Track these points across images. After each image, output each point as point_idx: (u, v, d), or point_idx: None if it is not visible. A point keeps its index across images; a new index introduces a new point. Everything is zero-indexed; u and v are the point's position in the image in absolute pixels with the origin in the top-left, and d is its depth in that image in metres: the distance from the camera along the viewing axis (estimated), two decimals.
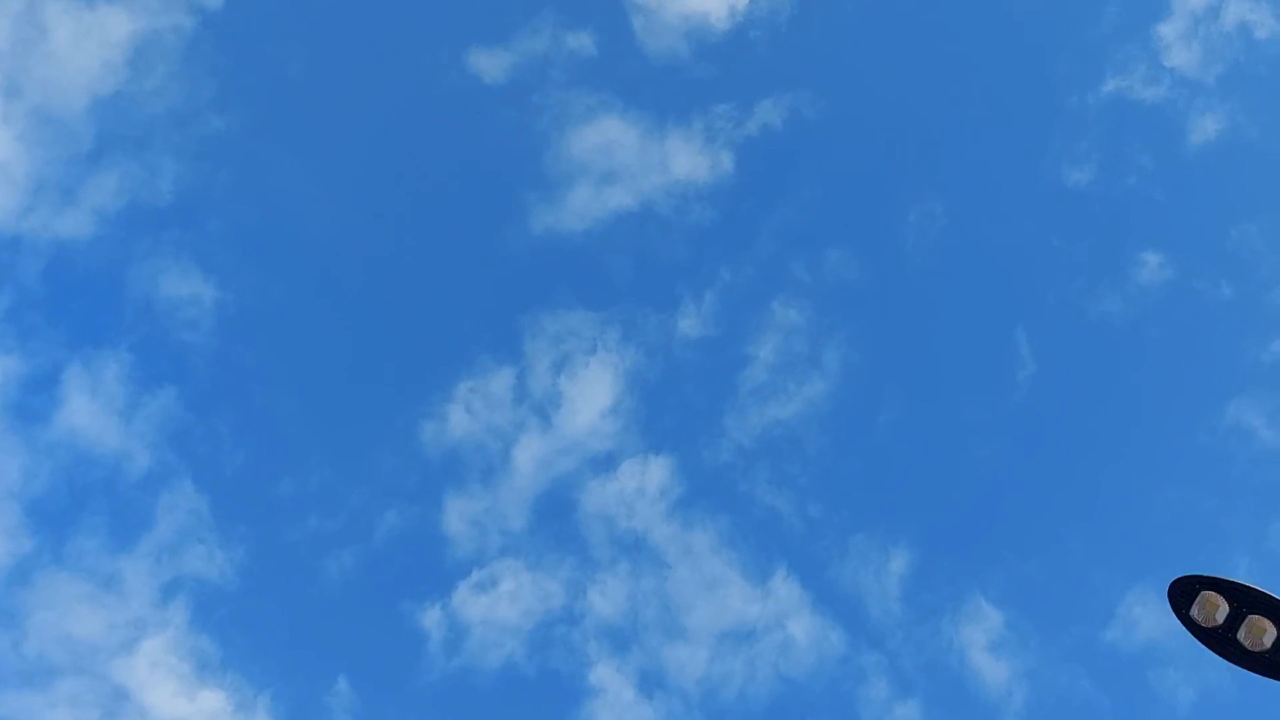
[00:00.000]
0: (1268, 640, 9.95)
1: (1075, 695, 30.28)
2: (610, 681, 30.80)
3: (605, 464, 32.93)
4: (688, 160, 34.42)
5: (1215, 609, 10.08)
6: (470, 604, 31.43)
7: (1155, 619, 30.89)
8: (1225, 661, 10.80)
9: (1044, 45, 34.95)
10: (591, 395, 33.05)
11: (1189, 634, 10.68)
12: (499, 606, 31.44)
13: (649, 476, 32.66)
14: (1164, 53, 33.88)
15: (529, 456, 32.59)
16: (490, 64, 34.49)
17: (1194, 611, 10.18)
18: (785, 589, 31.69)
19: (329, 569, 31.81)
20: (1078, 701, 30.23)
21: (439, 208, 34.43)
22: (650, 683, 30.90)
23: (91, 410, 31.77)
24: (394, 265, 34.05)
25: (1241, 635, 10.07)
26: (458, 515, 32.12)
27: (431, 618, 31.34)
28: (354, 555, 31.88)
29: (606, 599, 31.88)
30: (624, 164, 34.48)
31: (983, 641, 30.84)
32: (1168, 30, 33.96)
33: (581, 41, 34.45)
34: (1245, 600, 10.11)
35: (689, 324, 33.90)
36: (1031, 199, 34.24)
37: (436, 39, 34.69)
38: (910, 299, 34.03)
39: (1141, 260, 33.12)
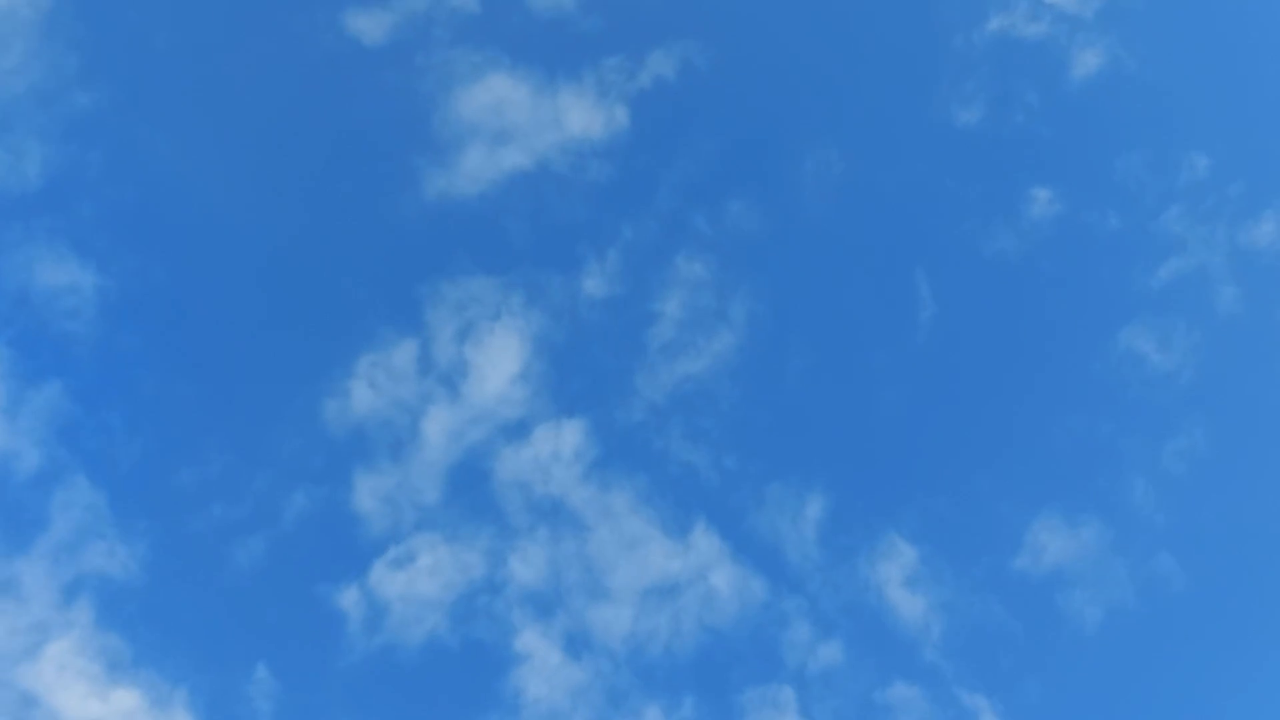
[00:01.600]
0: None
1: (989, 623, 31.31)
2: (536, 647, 30.76)
3: (518, 431, 32.64)
4: (581, 116, 33.94)
5: None
6: (388, 581, 30.98)
7: (1060, 544, 32.07)
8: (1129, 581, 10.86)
9: None
10: (499, 362, 32.61)
11: (1092, 556, 10.71)
12: (418, 581, 31.06)
13: (563, 440, 32.48)
14: None
15: (438, 428, 32.10)
16: (369, 25, 33.39)
17: None
18: (705, 542, 31.98)
19: (237, 557, 30.97)
20: (992, 628, 31.28)
21: (325, 178, 33.34)
22: (577, 644, 30.95)
23: None
24: (282, 240, 32.93)
25: None
26: (369, 492, 31.53)
27: (349, 598, 30.82)
28: (263, 541, 31.10)
29: (528, 566, 31.73)
30: (516, 123, 33.84)
31: (899, 578, 31.60)
32: None
33: None
34: None
35: (593, 284, 33.66)
36: (923, 141, 34.69)
37: (310, 1, 33.41)
38: (811, 247, 34.27)
39: (1032, 196, 33.91)
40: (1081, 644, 31.03)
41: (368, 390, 31.96)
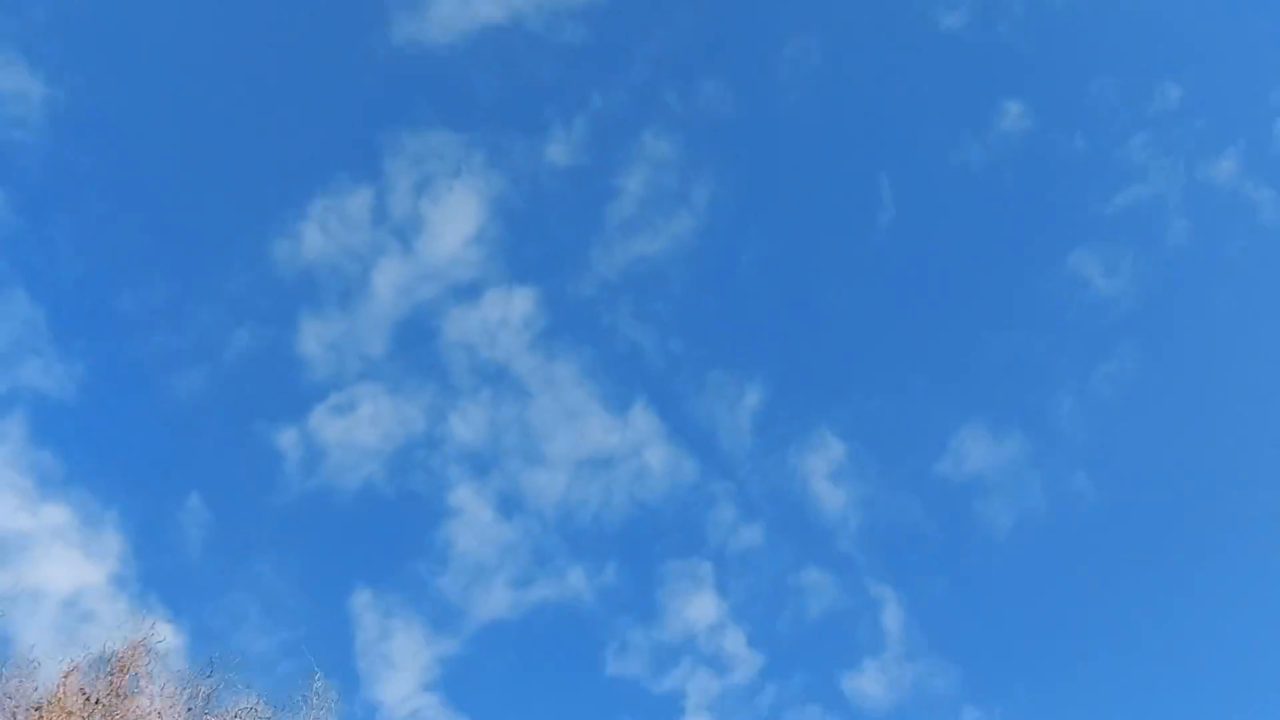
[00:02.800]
0: None
1: (906, 520, 32.59)
2: (470, 503, 31.52)
3: (468, 293, 32.64)
4: None
5: None
6: (327, 426, 31.29)
7: (983, 452, 33.25)
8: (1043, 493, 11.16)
9: None
10: (455, 221, 32.35)
11: (1012, 466, 11.02)
12: (357, 430, 31.41)
13: (512, 307, 32.58)
14: None
15: (388, 281, 31.98)
16: None
17: None
18: (643, 420, 32.63)
19: (176, 387, 30.97)
20: (907, 526, 32.57)
21: (295, 14, 32.17)
22: (509, 505, 31.75)
23: None
24: (243, 70, 31.91)
25: None
26: (314, 338, 31.52)
27: (288, 439, 31.12)
28: (203, 374, 31.09)
29: (467, 425, 32.23)
30: None
31: (825, 471, 32.64)
32: None
33: None
34: None
35: (557, 150, 33.23)
36: (905, 41, 34.24)
37: None
38: (780, 136, 34.02)
39: (1003, 109, 33.84)
40: (991, 548, 32.51)
41: (319, 234, 31.62)
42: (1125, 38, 34.56)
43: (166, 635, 13.56)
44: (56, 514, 28.99)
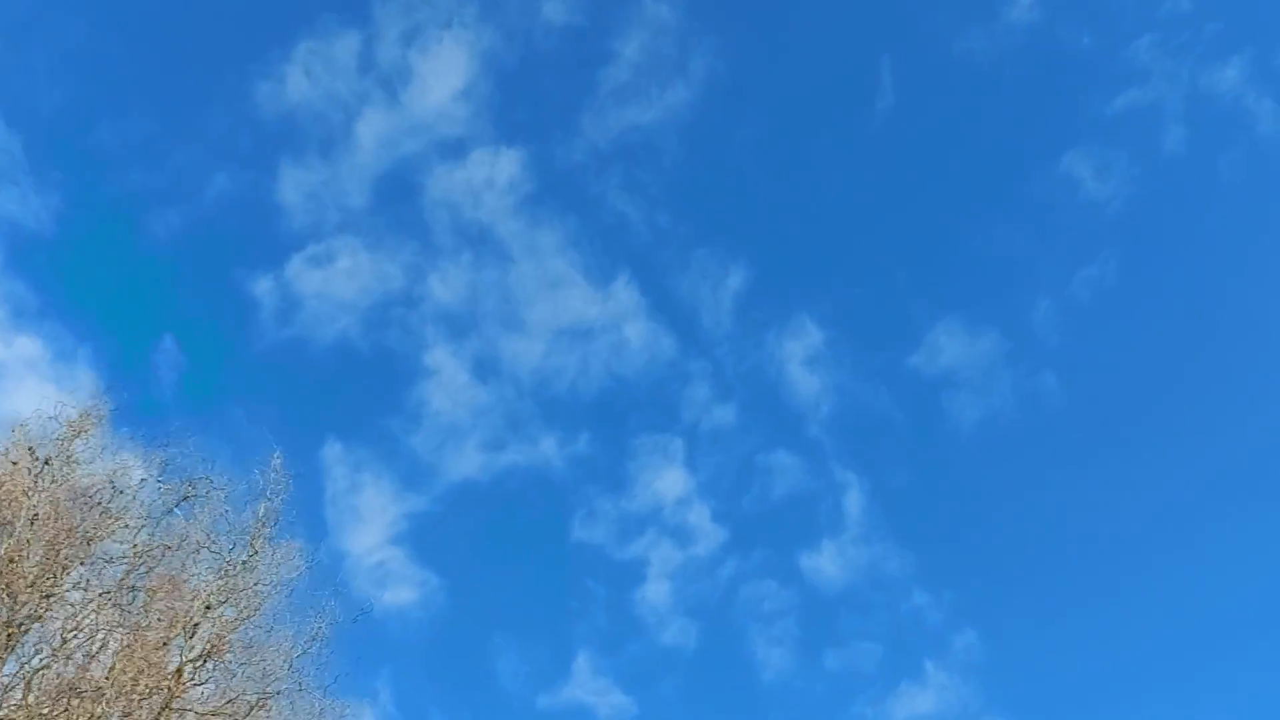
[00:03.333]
0: None
1: (875, 409, 32.90)
2: (445, 364, 31.62)
3: (454, 150, 32.12)
4: None
5: None
6: (304, 277, 31.12)
7: (957, 348, 33.36)
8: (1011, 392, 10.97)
9: None
10: (443, 74, 31.64)
11: (984, 364, 10.88)
12: (335, 282, 31.27)
13: (498, 169, 32.11)
14: None
15: (372, 132, 31.41)
16: None
17: None
18: (625, 293, 32.53)
19: (154, 227, 30.65)
20: (877, 416, 32.90)
21: None
22: (485, 369, 31.87)
23: None
24: None
25: None
26: (293, 186, 31.08)
27: (263, 287, 30.97)
28: (180, 215, 30.72)
29: (446, 286, 32.10)
30: None
31: (801, 356, 32.78)
32: None
33: None
34: None
35: (554, 7, 32.28)
36: None
37: None
38: (784, 10, 33.17)
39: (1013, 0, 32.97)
40: (955, 441, 32.94)
41: (303, 79, 30.86)
42: None
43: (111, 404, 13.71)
44: (29, 346, 28.94)
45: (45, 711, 11.43)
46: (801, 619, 30.17)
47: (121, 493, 13.34)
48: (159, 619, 12.49)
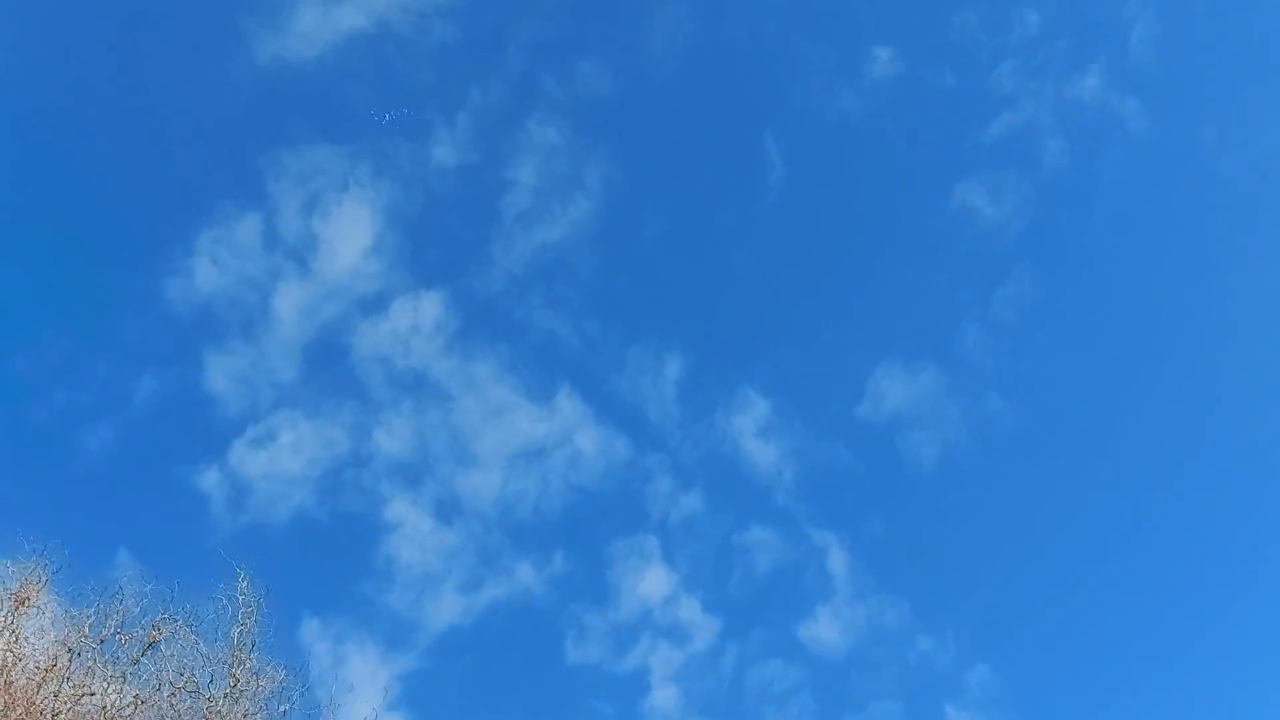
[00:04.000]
0: None
1: (836, 466, 33.17)
2: (407, 515, 31.16)
3: (375, 305, 32.24)
4: None
5: None
6: (249, 461, 30.63)
7: (900, 390, 33.98)
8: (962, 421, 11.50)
9: None
10: (350, 235, 31.93)
11: (929, 400, 11.35)
12: (281, 459, 30.81)
13: (422, 313, 32.29)
14: None
15: (291, 305, 31.43)
16: None
17: None
18: (569, 406, 32.63)
19: (87, 443, 30.08)
20: (838, 471, 33.16)
21: (151, 46, 31.40)
22: (447, 510, 31.48)
23: None
24: (112, 115, 31.07)
25: None
26: (221, 373, 30.82)
27: (209, 479, 30.38)
28: (113, 427, 30.21)
29: (393, 438, 31.85)
30: None
31: (753, 429, 33.05)
32: None
33: None
34: None
35: (444, 151, 33.01)
36: (769, 2, 34.76)
37: None
38: (663, 109, 34.35)
39: (874, 56, 34.58)
40: (920, 481, 33.28)
41: (211, 268, 30.93)
42: None
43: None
44: None
45: None
46: (814, 691, 29.84)
47: (79, 655, 12.75)
48: None
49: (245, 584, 13.00)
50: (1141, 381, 34.72)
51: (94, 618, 12.74)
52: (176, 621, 12.92)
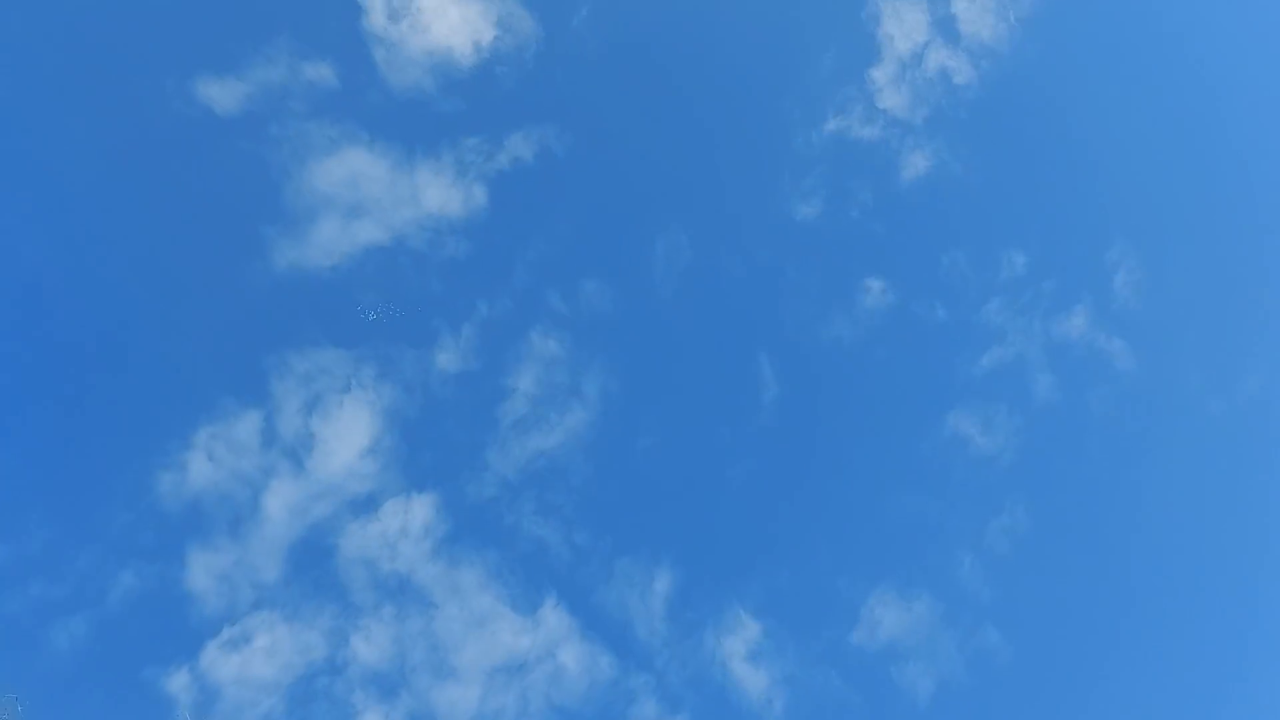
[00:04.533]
0: None
1: (829, 696, 32.18)
2: None
3: (365, 505, 32.06)
4: (439, 193, 34.31)
5: None
6: (221, 664, 29.63)
7: (895, 617, 33.40)
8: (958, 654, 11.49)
9: (771, 89, 37.39)
10: (347, 435, 32.08)
11: (924, 629, 11.32)
12: (253, 663, 29.81)
13: (412, 516, 32.05)
14: (877, 95, 37.12)
15: (281, 503, 31.21)
16: (221, 94, 33.09)
17: None
18: (554, 618, 31.89)
19: (56, 640, 29.12)
20: (831, 701, 32.15)
21: (170, 244, 32.50)
22: None
23: None
24: (121, 305, 31.79)
25: None
26: (203, 570, 30.27)
27: (178, 682, 29.32)
28: (85, 622, 29.35)
29: (371, 645, 30.92)
30: (372, 197, 33.93)
31: (743, 652, 32.23)
32: (879, 75, 37.26)
33: (321, 72, 33.69)
34: None
35: (447, 358, 33.69)
36: (766, 231, 36.45)
37: (160, 67, 32.88)
38: (662, 327, 35.31)
39: (866, 286, 35.98)
40: (915, 716, 32.23)
41: (206, 463, 30.91)
42: (968, 213, 37.57)
43: None
44: None
45: None
46: None
47: None
48: None
49: None
50: (1135, 613, 34.28)
51: None
52: None
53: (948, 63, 37.71)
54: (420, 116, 34.65)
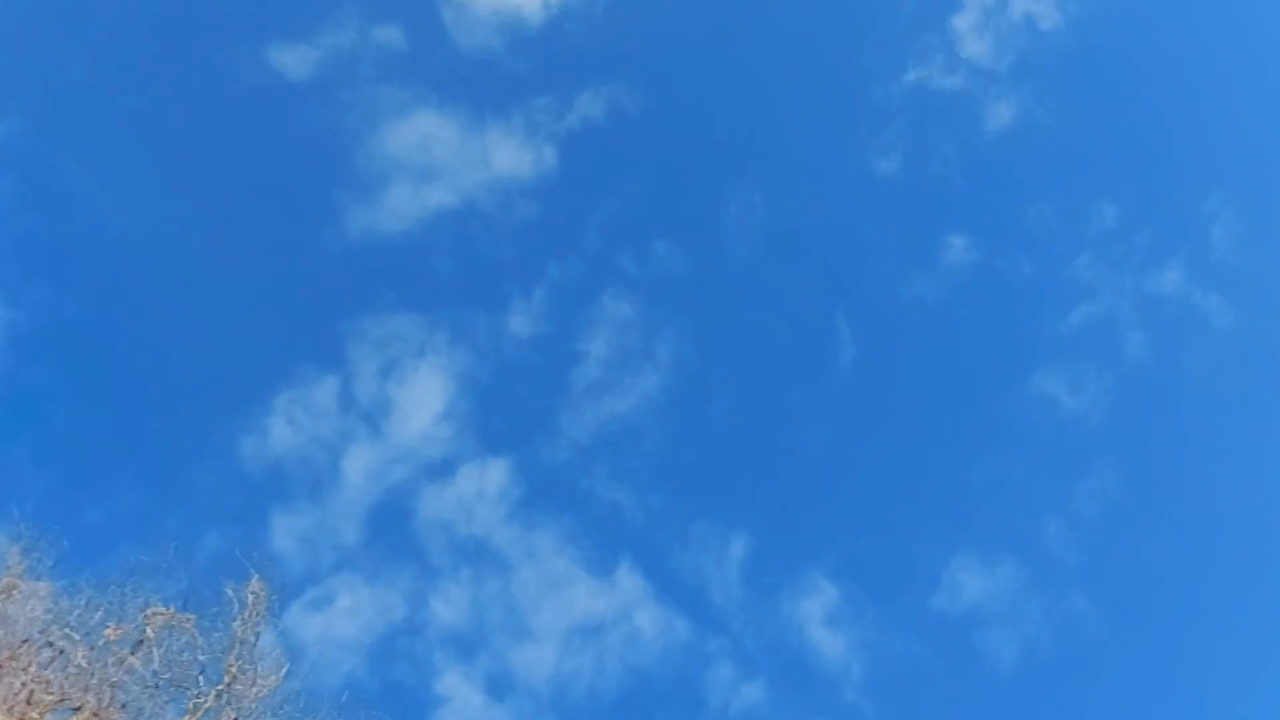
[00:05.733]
0: None
1: (908, 661, 31.61)
2: (458, 688, 30.23)
3: (441, 470, 32.27)
4: (509, 155, 34.09)
5: None
6: (305, 623, 30.22)
7: (977, 583, 32.61)
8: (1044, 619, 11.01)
9: (848, 38, 36.29)
10: (422, 400, 32.31)
11: (1008, 595, 10.88)
12: (336, 623, 30.35)
13: (487, 480, 32.19)
14: (959, 44, 35.76)
15: (359, 467, 31.60)
16: (293, 60, 33.22)
17: None
18: (629, 581, 31.84)
19: (149, 602, 29.98)
20: (911, 667, 31.58)
21: (246, 212, 32.92)
22: (499, 686, 30.49)
23: None
24: (200, 274, 32.35)
25: None
26: (286, 532, 30.82)
27: (265, 640, 29.96)
28: (174, 583, 30.15)
29: (449, 606, 31.26)
30: (443, 160, 33.86)
31: (820, 616, 31.79)
32: (961, 22, 35.87)
33: (390, 35, 33.61)
34: None
35: (519, 322, 33.61)
36: (843, 187, 35.54)
37: (233, 35, 33.13)
38: (735, 288, 34.74)
39: (948, 243, 34.85)
40: (998, 682, 31.50)
41: (286, 428, 31.38)
42: (1055, 165, 36.12)
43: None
44: None
45: None
46: None
47: (62, 652, 11.99)
48: None
49: (258, 585, 12.10)
50: (1230, 582, 32.98)
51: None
52: (173, 614, 11.91)
53: (1033, 7, 36.10)
54: (489, 77, 34.45)
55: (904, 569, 32.74)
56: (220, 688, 12.37)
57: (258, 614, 12.32)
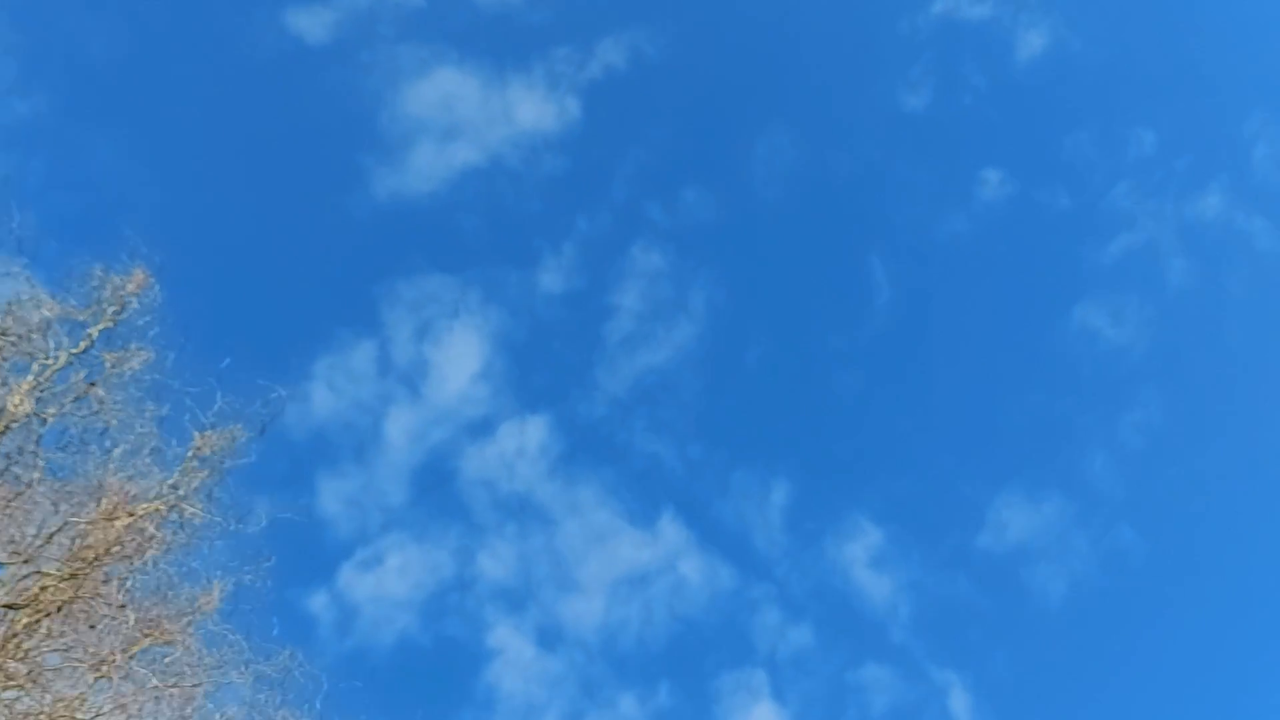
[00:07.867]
0: None
1: (956, 600, 31.69)
2: (509, 641, 30.74)
3: (482, 429, 32.50)
4: (532, 109, 33.79)
5: None
6: (357, 584, 30.76)
7: (1023, 520, 32.50)
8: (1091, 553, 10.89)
9: None
10: (459, 360, 32.46)
11: (1055, 530, 10.74)
12: (387, 582, 30.87)
13: (527, 437, 32.40)
14: None
15: (401, 429, 31.90)
16: (311, 24, 32.94)
17: None
18: (673, 531, 32.07)
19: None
20: (958, 606, 31.66)
21: (271, 180, 32.89)
22: (550, 637, 30.96)
23: None
24: (229, 244, 32.47)
25: None
26: (333, 496, 31.25)
27: (318, 602, 30.50)
28: (226, 550, 30.74)
29: (497, 562, 31.68)
30: (466, 118, 33.62)
31: (865, 559, 31.89)
32: None
33: None
34: None
35: (550, 278, 33.55)
36: (873, 126, 34.92)
37: (248, 2, 32.89)
38: (767, 233, 34.41)
39: (983, 178, 34.22)
40: (1047, 617, 31.53)
41: (327, 393, 31.68)
42: (1090, 92, 35.25)
43: None
44: None
45: None
46: None
47: None
48: None
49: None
50: (1279, 510, 32.64)
51: None
52: None
53: None
54: (508, 29, 34.04)
55: (948, 509, 32.73)
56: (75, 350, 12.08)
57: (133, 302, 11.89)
